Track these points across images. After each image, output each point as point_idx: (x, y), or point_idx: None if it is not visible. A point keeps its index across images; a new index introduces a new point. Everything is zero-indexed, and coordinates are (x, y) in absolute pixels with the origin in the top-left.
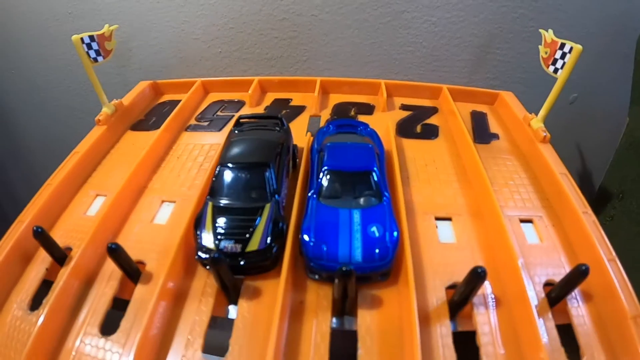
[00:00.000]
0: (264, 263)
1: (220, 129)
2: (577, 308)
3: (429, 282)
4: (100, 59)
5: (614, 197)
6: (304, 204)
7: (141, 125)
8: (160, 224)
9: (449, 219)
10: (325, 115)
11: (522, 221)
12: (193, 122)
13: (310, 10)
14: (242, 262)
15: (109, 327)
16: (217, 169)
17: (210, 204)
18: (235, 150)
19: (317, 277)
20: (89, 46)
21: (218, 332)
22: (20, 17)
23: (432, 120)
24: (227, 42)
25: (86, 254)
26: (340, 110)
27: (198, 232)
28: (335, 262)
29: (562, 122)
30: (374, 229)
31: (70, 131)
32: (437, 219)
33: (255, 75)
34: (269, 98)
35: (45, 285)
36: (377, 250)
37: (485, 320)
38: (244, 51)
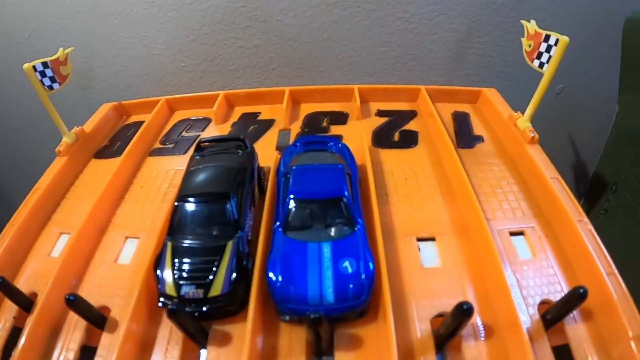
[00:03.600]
0: (230, 308)
1: (185, 152)
2: (575, 327)
3: (412, 314)
4: (56, 86)
5: (608, 189)
6: (270, 236)
7: (105, 152)
8: (124, 264)
9: (433, 239)
10: (296, 128)
11: (513, 234)
12: (157, 145)
13: (274, 15)
14: (204, 309)
15: None
16: (175, 203)
17: (169, 244)
18: (192, 181)
19: (287, 318)
20: (43, 74)
21: None
22: None
23: (411, 125)
24: (190, 56)
25: (50, 300)
26: (312, 121)
27: (158, 275)
28: (305, 304)
29: (550, 114)
30: (346, 264)
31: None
32: (420, 239)
33: (222, 88)
34: (237, 113)
35: (17, 333)
36: (350, 287)
37: (475, 355)
38: (208, 64)
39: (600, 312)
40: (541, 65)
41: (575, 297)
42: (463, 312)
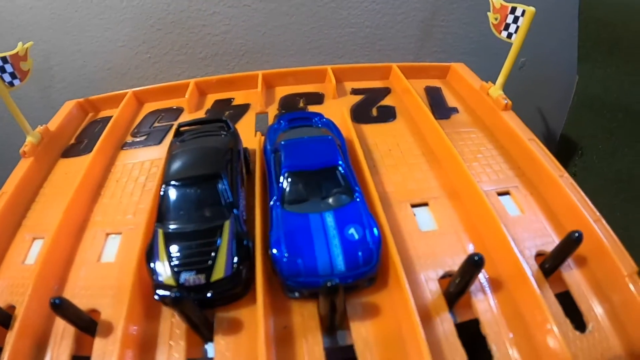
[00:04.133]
0: (235, 291)
1: (159, 142)
2: (572, 274)
3: (419, 276)
4: (17, 82)
5: (574, 154)
6: (267, 214)
7: (73, 150)
8: (108, 262)
9: (426, 204)
10: (273, 110)
11: (500, 194)
12: (129, 138)
13: (242, 0)
14: (209, 295)
15: None
16: (162, 189)
17: (160, 231)
18: (178, 164)
19: (297, 294)
20: (2, 69)
21: None
22: None
23: (387, 101)
24: (155, 46)
25: (30, 311)
26: (288, 103)
27: (152, 267)
28: (316, 276)
29: (514, 88)
30: (352, 230)
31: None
32: (414, 206)
33: (190, 77)
34: (209, 101)
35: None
36: (360, 254)
37: (486, 307)
38: (175, 53)
39: (593, 257)
40: (509, 35)
41: (571, 242)
42: (474, 263)
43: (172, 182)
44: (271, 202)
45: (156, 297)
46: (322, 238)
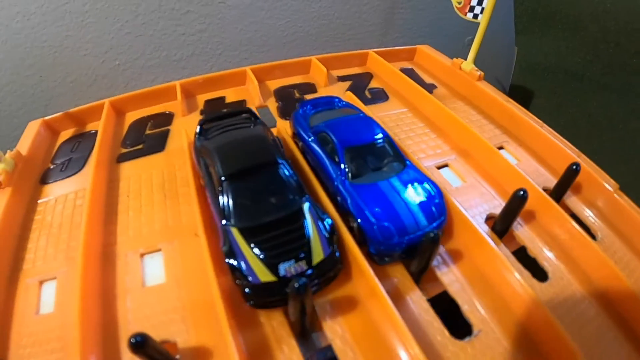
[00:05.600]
0: (334, 271)
1: (163, 148)
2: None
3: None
4: None
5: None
6: (331, 192)
7: (54, 174)
8: (157, 284)
9: (446, 166)
10: (272, 103)
11: (500, 148)
12: (122, 150)
13: None
14: (316, 280)
15: None
16: (221, 185)
17: (233, 229)
18: (229, 157)
19: (387, 260)
20: None
21: None
22: None
23: (373, 84)
24: (125, 51)
25: None
26: (284, 95)
27: (241, 268)
28: (406, 234)
29: None
30: (419, 189)
31: None
32: (438, 167)
33: (166, 82)
34: (199, 101)
35: None
36: (433, 207)
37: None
38: (147, 57)
39: (585, 182)
40: (475, 16)
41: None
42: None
43: (231, 176)
44: (335, 180)
45: (250, 302)
46: (399, 200)
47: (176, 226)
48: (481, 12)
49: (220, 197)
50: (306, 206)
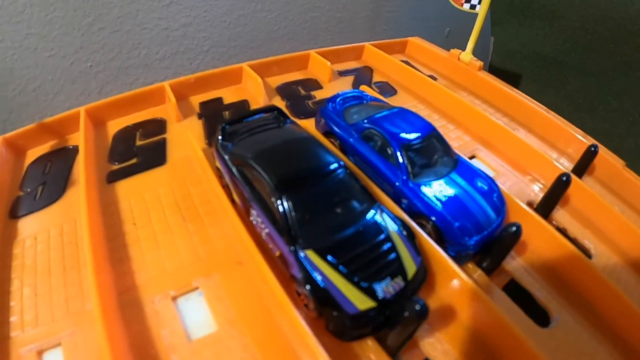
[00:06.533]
0: (424, 281)
1: (164, 161)
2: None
3: None
4: None
5: None
6: (391, 192)
7: (25, 204)
8: None
9: (474, 157)
10: (278, 102)
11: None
12: (113, 166)
13: None
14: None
15: None
16: (279, 199)
17: (309, 252)
18: (283, 165)
19: (465, 260)
20: None
21: None
22: None
23: (376, 78)
24: (98, 50)
25: None
26: (289, 92)
27: (334, 301)
28: (483, 229)
29: None
30: (480, 183)
31: None
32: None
33: (147, 84)
34: (194, 104)
35: None
36: (496, 200)
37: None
38: (124, 57)
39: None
40: (473, 7)
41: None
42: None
43: (291, 187)
44: (395, 181)
45: (345, 337)
46: (466, 197)
47: (210, 255)
48: (479, 3)
49: (280, 214)
50: (381, 214)
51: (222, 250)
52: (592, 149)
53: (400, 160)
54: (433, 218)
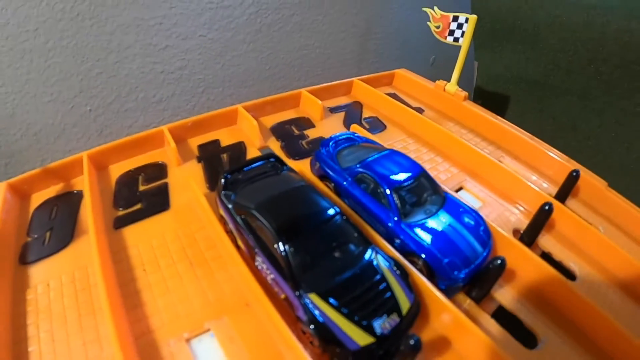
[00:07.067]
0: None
1: (168, 206)
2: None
3: None
4: None
5: None
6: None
7: (34, 250)
8: None
9: (461, 189)
10: (273, 143)
11: None
12: (118, 212)
13: (197, 30)
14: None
15: None
16: (282, 247)
17: (312, 296)
18: (283, 214)
19: (454, 292)
20: None
21: None
22: None
23: (366, 114)
24: (97, 95)
25: None
26: (283, 133)
27: (336, 339)
28: (469, 263)
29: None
30: (466, 218)
31: None
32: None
33: (145, 127)
34: (192, 147)
35: None
36: (482, 233)
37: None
38: (123, 100)
39: (582, 183)
40: (456, 39)
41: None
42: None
43: (292, 235)
44: (387, 222)
45: None
46: (454, 233)
47: (219, 299)
48: (461, 36)
49: (284, 260)
50: (375, 254)
51: (229, 293)
52: (574, 174)
53: (392, 202)
54: (423, 255)
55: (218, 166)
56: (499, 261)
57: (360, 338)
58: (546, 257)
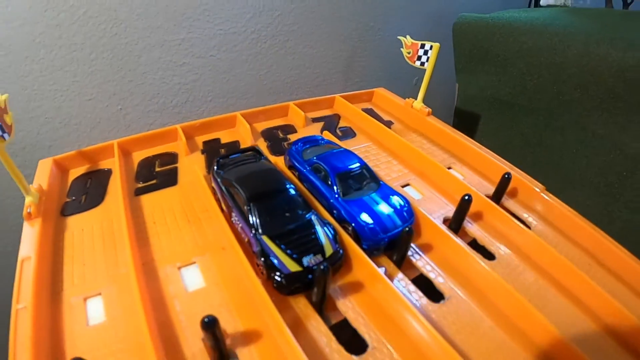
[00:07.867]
0: (339, 262)
1: (175, 182)
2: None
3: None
4: (6, 136)
5: None
6: (327, 207)
7: (73, 207)
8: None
9: (408, 185)
10: (261, 143)
11: (449, 168)
12: (138, 185)
13: (208, 51)
14: (324, 265)
15: None
16: (249, 206)
17: (264, 237)
18: (252, 185)
19: (376, 253)
20: None
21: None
22: None
23: (342, 124)
24: (126, 97)
25: None
26: (270, 136)
27: (275, 263)
28: (388, 231)
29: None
30: (394, 200)
31: None
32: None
33: (162, 125)
34: (198, 142)
35: None
36: (405, 213)
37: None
38: (147, 103)
39: (519, 186)
40: (422, 64)
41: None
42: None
43: (256, 199)
44: (330, 198)
45: (282, 290)
46: (380, 210)
47: (204, 243)
48: (427, 61)
49: (249, 215)
50: (314, 217)
51: (212, 239)
52: (506, 176)
53: (334, 183)
54: (353, 224)
55: (215, 157)
56: (407, 229)
57: (292, 266)
58: (474, 242)
